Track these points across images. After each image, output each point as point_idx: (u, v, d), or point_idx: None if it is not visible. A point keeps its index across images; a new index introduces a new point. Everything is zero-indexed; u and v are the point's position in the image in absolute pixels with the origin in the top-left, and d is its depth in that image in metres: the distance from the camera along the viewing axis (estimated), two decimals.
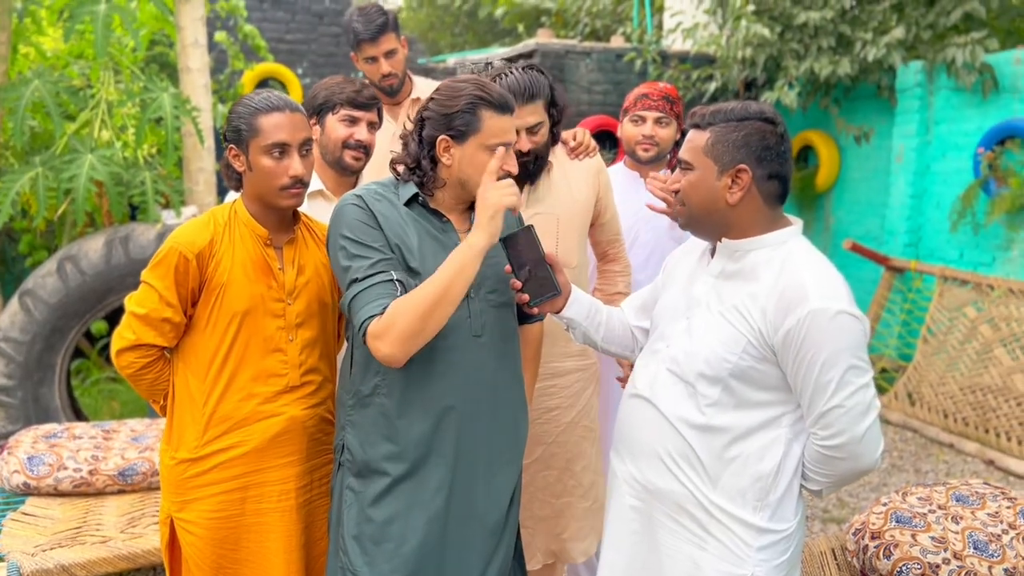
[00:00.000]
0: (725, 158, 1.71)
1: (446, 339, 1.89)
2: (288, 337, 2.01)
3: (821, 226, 7.08)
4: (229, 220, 2.01)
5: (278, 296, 2.00)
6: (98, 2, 3.64)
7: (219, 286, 1.95)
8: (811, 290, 1.62)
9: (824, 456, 1.71)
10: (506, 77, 2.31)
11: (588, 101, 6.69)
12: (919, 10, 6.08)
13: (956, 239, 5.86)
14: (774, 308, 1.64)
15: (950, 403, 5.26)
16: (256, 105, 1.94)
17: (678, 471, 1.76)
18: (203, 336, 1.98)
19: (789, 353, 1.64)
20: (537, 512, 2.61)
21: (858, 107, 6.61)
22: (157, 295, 1.93)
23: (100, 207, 4.00)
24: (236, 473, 2.01)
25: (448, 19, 13.17)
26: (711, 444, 1.73)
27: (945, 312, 5.54)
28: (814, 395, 1.65)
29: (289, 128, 1.93)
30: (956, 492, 2.70)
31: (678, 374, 1.78)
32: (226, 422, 1.99)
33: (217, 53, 6.86)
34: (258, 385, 2.00)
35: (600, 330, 2.05)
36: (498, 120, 1.87)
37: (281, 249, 2.04)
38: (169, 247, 1.93)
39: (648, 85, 2.91)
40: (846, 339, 1.62)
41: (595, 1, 9.17)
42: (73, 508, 2.99)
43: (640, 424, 1.84)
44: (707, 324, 1.75)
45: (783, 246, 1.72)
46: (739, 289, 1.73)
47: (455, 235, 1.93)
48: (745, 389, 1.71)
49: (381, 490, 1.91)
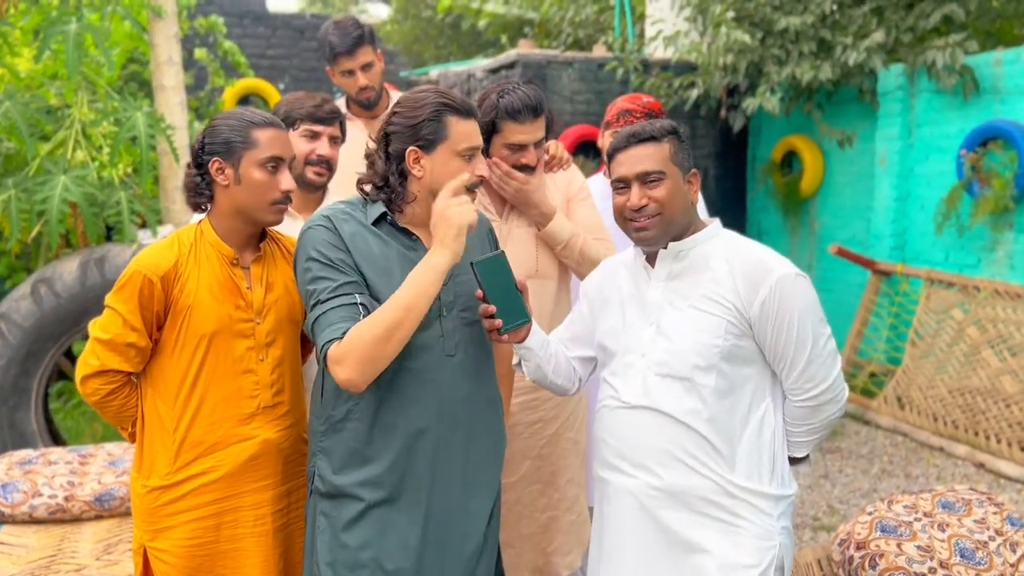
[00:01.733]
0: (685, 164, 1.90)
1: (418, 359, 1.85)
2: (258, 357, 1.97)
3: (807, 231, 7.07)
4: (195, 241, 1.97)
5: (247, 316, 1.97)
6: (69, 22, 3.61)
7: (185, 308, 1.91)
8: (770, 262, 1.82)
9: (810, 409, 1.87)
10: (514, 92, 2.35)
11: (571, 111, 6.68)
12: (899, 13, 6.08)
13: (941, 241, 5.85)
14: (744, 285, 1.80)
15: (939, 406, 5.24)
16: (251, 119, 1.94)
17: (698, 465, 1.82)
18: (171, 360, 1.94)
19: (768, 321, 1.79)
20: (523, 530, 2.57)
21: (841, 111, 6.61)
22: (121, 319, 1.89)
23: (75, 228, 3.95)
24: (209, 499, 1.96)
25: (432, 31, 13.16)
26: (722, 430, 1.82)
27: (932, 315, 5.52)
28: (796, 352, 1.81)
29: (283, 144, 1.96)
30: (942, 499, 2.67)
31: (671, 374, 1.84)
32: (198, 447, 1.95)
33: (197, 70, 6.83)
34: (229, 408, 1.96)
35: (551, 362, 2.08)
36: (464, 125, 1.86)
37: (249, 268, 2.00)
38: (133, 270, 1.89)
39: (631, 99, 2.88)
40: (809, 296, 1.82)
41: (577, 11, 9.17)
42: (48, 536, 2.94)
43: (645, 432, 1.87)
44: (681, 321, 1.85)
45: (717, 237, 1.90)
46: (698, 281, 1.86)
47: (424, 251, 1.90)
48: (733, 369, 1.83)
49: (354, 515, 1.87)
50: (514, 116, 2.35)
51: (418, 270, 1.76)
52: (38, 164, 3.73)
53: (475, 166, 1.88)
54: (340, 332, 1.73)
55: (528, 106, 2.35)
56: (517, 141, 2.38)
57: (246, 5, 7.48)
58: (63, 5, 3.92)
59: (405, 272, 1.83)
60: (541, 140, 2.44)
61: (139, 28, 4.00)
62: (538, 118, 2.39)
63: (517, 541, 2.56)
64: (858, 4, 6.23)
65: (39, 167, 3.73)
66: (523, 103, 2.34)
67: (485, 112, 2.36)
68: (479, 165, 1.89)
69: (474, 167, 1.87)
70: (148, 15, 4.11)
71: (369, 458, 1.87)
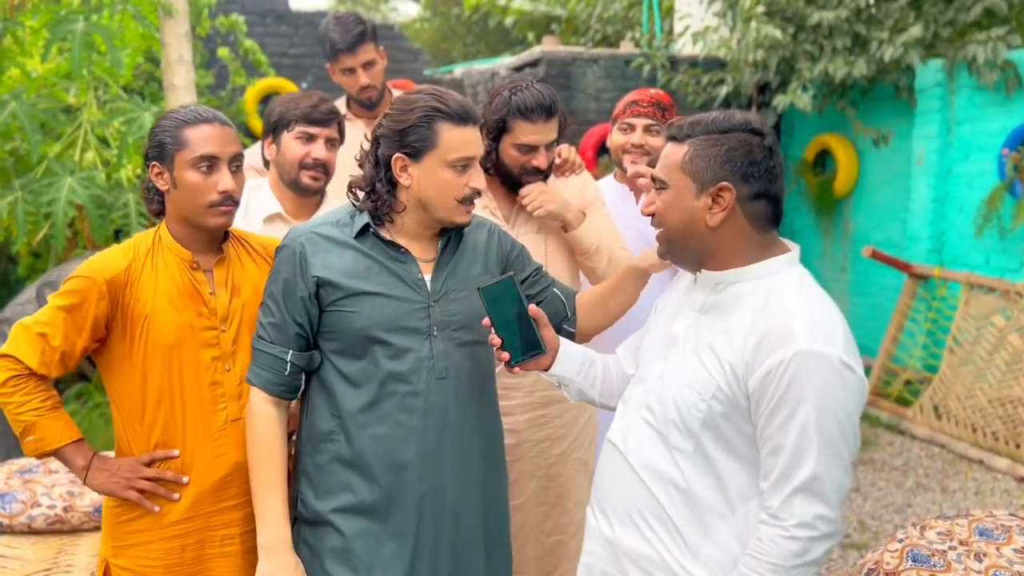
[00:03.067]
0: (705, 175, 1.50)
1: (407, 382, 1.73)
2: (225, 367, 1.83)
3: (840, 233, 6.86)
4: (152, 247, 1.83)
5: (210, 324, 1.83)
6: (75, 21, 3.54)
7: (142, 318, 1.78)
8: (799, 328, 1.39)
9: (800, 546, 1.39)
10: (526, 90, 2.20)
11: (596, 109, 6.53)
12: (938, 7, 5.86)
13: (981, 244, 5.61)
14: (753, 348, 1.42)
15: (979, 416, 5.01)
16: (182, 117, 1.79)
17: (650, 533, 1.56)
18: (131, 376, 1.81)
19: (765, 401, 1.40)
20: (530, 554, 2.45)
21: (876, 109, 6.39)
22: (50, 315, 1.76)
23: (83, 231, 3.90)
24: (174, 519, 1.83)
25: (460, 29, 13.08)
26: (687, 508, 1.51)
27: (971, 321, 5.30)
28: (789, 456, 1.39)
29: (218, 140, 1.78)
30: (980, 525, 2.48)
31: (651, 423, 1.57)
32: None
33: (218, 69, 6.79)
34: (195, 423, 1.82)
35: (597, 385, 1.82)
36: (457, 132, 1.71)
37: (212, 271, 1.86)
38: (80, 272, 1.77)
39: (638, 92, 2.74)
40: (836, 394, 1.37)
41: (605, 7, 9.01)
42: (46, 547, 2.87)
43: (615, 478, 1.64)
44: (681, 365, 1.55)
45: (771, 277, 1.51)
46: (717, 324, 1.53)
47: (414, 266, 1.77)
48: (719, 454, 1.49)
49: (338, 546, 1.75)
50: (526, 115, 2.21)
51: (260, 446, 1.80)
52: (45, 165, 3.68)
53: (470, 177, 1.74)
54: (258, 380, 1.77)
55: (541, 105, 2.20)
56: (528, 142, 2.25)
57: (268, 3, 7.42)
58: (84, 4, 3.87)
59: (383, 283, 1.73)
60: (553, 142, 2.31)
61: (149, 27, 3.93)
62: (551, 118, 2.25)
63: (523, 566, 2.43)
64: None
65: (46, 168, 3.67)
66: (536, 101, 2.20)
67: (496, 109, 2.23)
68: (475, 177, 1.74)
69: (468, 179, 1.74)
70: (159, 14, 4.04)
71: (350, 484, 1.75)
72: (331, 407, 1.76)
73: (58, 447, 1.79)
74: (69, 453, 1.81)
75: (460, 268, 1.83)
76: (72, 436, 1.82)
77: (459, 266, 1.83)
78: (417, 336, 1.74)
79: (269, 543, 1.73)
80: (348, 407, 1.74)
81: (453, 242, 1.84)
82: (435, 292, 1.77)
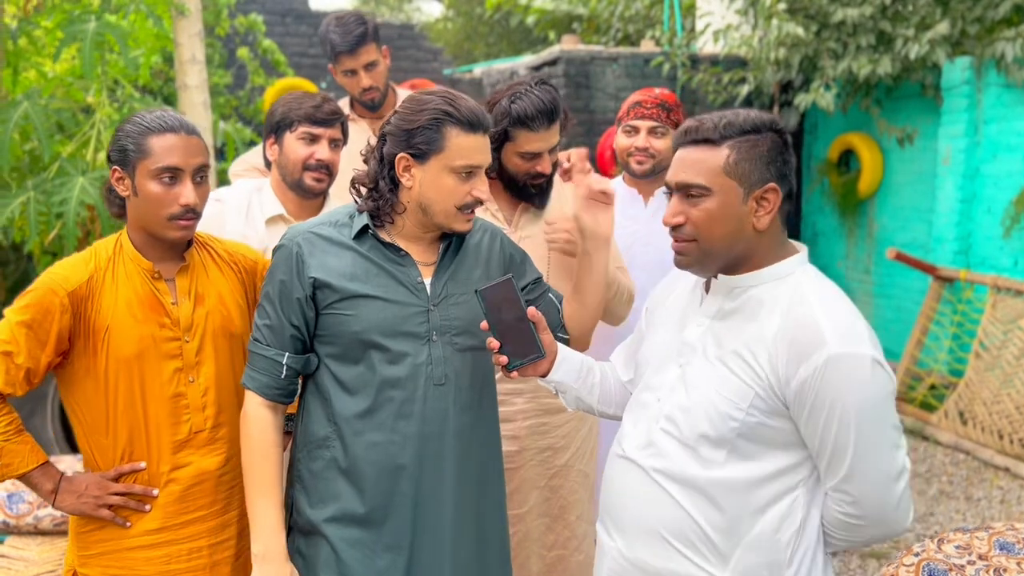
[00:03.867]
0: (753, 177, 1.46)
1: (403, 388, 1.69)
2: (188, 378, 1.79)
3: (864, 233, 6.73)
4: (113, 255, 1.78)
5: (173, 335, 1.78)
6: (87, 21, 3.53)
7: (102, 330, 1.73)
8: (828, 332, 1.39)
9: (846, 524, 1.49)
10: (525, 96, 2.13)
11: (615, 108, 6.46)
12: (965, 3, 5.74)
13: (1009, 246, 5.48)
14: (786, 354, 1.41)
15: (1005, 423, 4.89)
16: (147, 124, 1.73)
17: (679, 548, 1.50)
18: (94, 389, 1.76)
19: (804, 407, 1.41)
20: (532, 568, 2.39)
21: (901, 107, 6.26)
22: (10, 331, 1.70)
23: (94, 230, 3.89)
24: (140, 530, 1.79)
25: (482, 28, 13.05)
26: (720, 516, 1.48)
27: (999, 324, 5.18)
28: (833, 457, 1.43)
29: (182, 152, 1.72)
30: (1000, 539, 2.40)
31: (676, 436, 1.51)
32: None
33: (237, 69, 6.80)
34: (158, 436, 1.78)
35: (595, 391, 1.78)
36: (466, 139, 1.66)
37: (174, 280, 1.81)
38: (40, 283, 1.72)
39: (643, 92, 2.68)
40: (870, 391, 1.39)
41: (627, 5, 8.93)
42: (52, 548, 2.86)
43: (630, 493, 1.58)
44: (705, 374, 1.50)
45: (789, 277, 1.49)
46: (740, 331, 1.49)
47: (414, 269, 1.73)
48: (755, 449, 1.47)
49: (331, 557, 1.71)
50: (528, 124, 2.13)
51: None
52: (58, 165, 3.68)
53: (473, 185, 1.69)
54: (254, 384, 1.74)
55: (542, 112, 2.13)
56: (531, 150, 2.18)
57: (288, 3, 7.42)
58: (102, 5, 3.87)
59: (381, 286, 1.69)
60: (556, 146, 2.25)
61: (161, 26, 3.92)
62: (553, 124, 2.18)
63: None
64: None
65: (59, 168, 3.67)
66: (537, 109, 2.12)
67: (496, 119, 2.14)
68: (479, 185, 1.70)
69: (471, 187, 1.69)
70: (172, 13, 4.04)
71: (345, 492, 1.71)
72: (327, 412, 1.73)
73: (25, 471, 1.76)
74: (36, 477, 1.78)
75: (461, 272, 1.78)
76: (38, 460, 1.78)
77: (460, 270, 1.78)
78: (416, 341, 1.69)
79: (262, 551, 1.69)
80: (344, 413, 1.70)
81: (454, 246, 1.79)
82: (435, 296, 1.73)
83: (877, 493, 1.43)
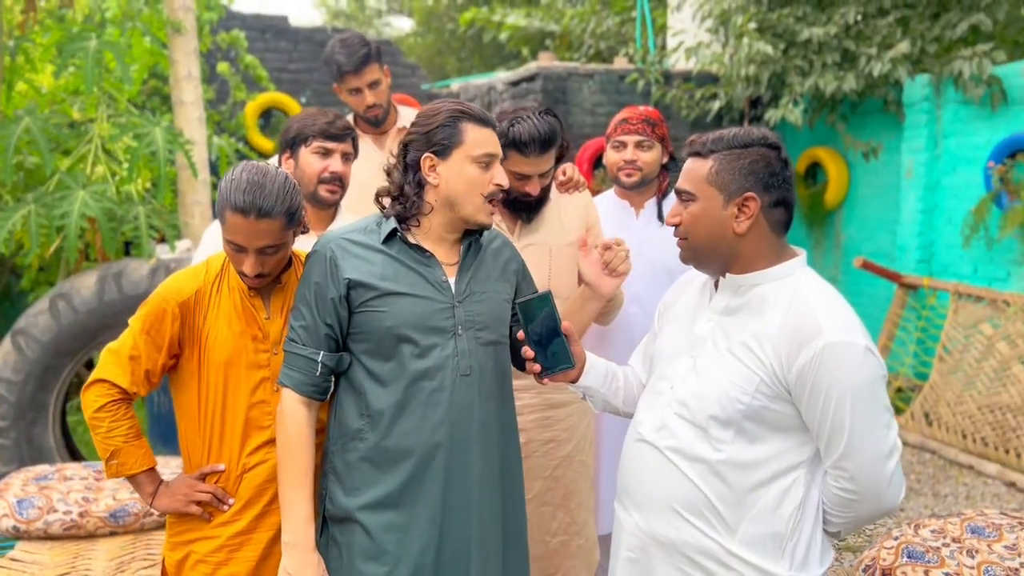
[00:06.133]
0: (732, 186, 1.65)
1: (432, 379, 1.82)
2: (273, 387, 1.93)
3: (831, 244, 6.97)
4: (221, 271, 1.96)
5: (264, 347, 1.94)
6: (88, 38, 3.62)
7: (204, 338, 1.91)
8: (824, 323, 1.56)
9: (843, 500, 1.64)
10: (524, 122, 2.27)
11: (591, 123, 6.64)
12: (924, 23, 6.00)
13: (969, 254, 5.73)
14: (787, 344, 1.58)
15: (968, 423, 5.12)
16: (229, 197, 1.80)
17: (691, 519, 1.67)
18: (191, 390, 1.94)
19: (804, 391, 1.57)
20: (534, 552, 2.52)
21: (865, 122, 6.52)
22: (132, 336, 1.91)
23: (94, 243, 3.97)
24: (221, 521, 1.94)
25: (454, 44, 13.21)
26: (727, 491, 1.64)
27: (960, 329, 5.41)
28: (832, 435, 1.58)
29: (245, 234, 1.81)
30: (971, 524, 2.58)
31: (687, 418, 1.68)
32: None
33: (219, 84, 6.88)
34: (247, 437, 1.94)
35: (619, 394, 1.95)
36: (480, 132, 1.83)
37: (270, 298, 1.97)
38: (156, 293, 1.92)
39: (629, 109, 2.84)
40: (863, 374, 1.56)
41: (599, 23, 9.14)
42: (63, 552, 2.92)
43: (647, 471, 1.74)
44: (715, 363, 1.67)
45: (790, 278, 1.66)
46: (746, 324, 1.66)
47: (439, 269, 1.87)
48: (760, 431, 1.63)
49: (367, 543, 1.83)
50: (520, 149, 2.28)
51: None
52: (57, 179, 3.75)
53: (493, 174, 1.85)
54: (290, 381, 1.84)
55: (534, 140, 2.26)
56: (521, 172, 2.33)
57: (268, 19, 7.52)
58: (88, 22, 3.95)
59: (410, 284, 1.83)
60: (549, 171, 2.38)
61: (159, 44, 4.02)
62: (546, 152, 2.31)
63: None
64: (883, 14, 6.16)
65: (59, 182, 3.75)
66: (530, 136, 2.25)
67: None
68: (498, 174, 1.85)
69: (492, 175, 1.84)
70: (168, 31, 4.13)
71: (378, 480, 1.83)
72: (360, 406, 1.84)
73: (136, 472, 1.95)
74: (142, 479, 1.97)
75: (481, 272, 1.92)
76: (149, 464, 1.97)
77: (480, 270, 1.92)
78: (443, 335, 1.82)
79: (292, 540, 1.81)
80: (377, 405, 1.82)
81: (474, 248, 1.93)
82: (459, 293, 1.86)
83: (872, 469, 1.58)
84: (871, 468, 1.59)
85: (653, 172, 2.80)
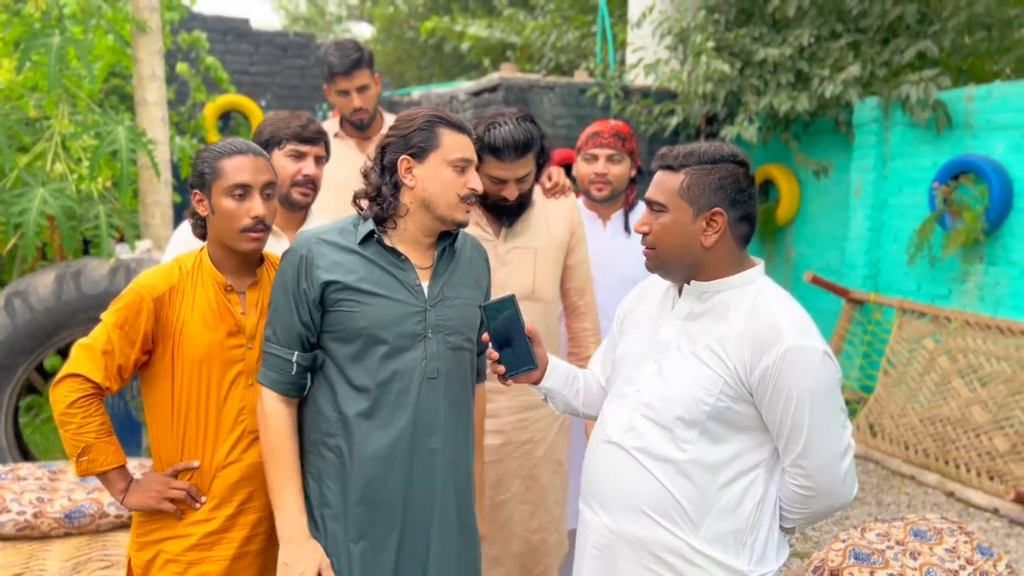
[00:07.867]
0: (701, 201, 1.71)
1: (400, 381, 1.87)
2: (247, 382, 1.96)
3: (782, 259, 7.15)
4: (193, 268, 1.98)
5: (239, 342, 1.96)
6: (51, 35, 3.59)
7: (177, 334, 1.92)
8: (785, 329, 1.64)
9: (800, 496, 1.72)
10: (501, 127, 2.30)
11: (552, 135, 6.72)
12: (874, 48, 6.20)
13: (913, 272, 5.93)
14: (750, 348, 1.65)
15: (911, 435, 5.29)
16: (220, 149, 1.94)
17: (657, 519, 1.73)
18: (164, 387, 1.95)
19: (766, 392, 1.65)
20: (514, 549, 2.58)
21: (817, 142, 6.71)
22: (106, 331, 1.90)
23: (52, 241, 3.91)
24: (194, 519, 1.95)
25: (415, 52, 13.23)
26: (693, 489, 1.70)
27: (904, 344, 5.59)
28: (792, 434, 1.66)
29: (251, 170, 1.92)
30: (914, 527, 2.69)
31: (654, 419, 1.74)
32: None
33: (179, 85, 6.81)
34: (220, 433, 1.95)
35: (580, 396, 2.01)
36: (456, 137, 1.89)
37: (244, 293, 2.00)
38: (131, 288, 1.93)
39: (599, 123, 2.91)
40: (821, 377, 1.64)
41: (559, 37, 9.26)
42: (16, 553, 2.88)
43: (615, 471, 1.80)
44: (680, 366, 1.73)
45: (751, 285, 1.74)
46: (710, 329, 1.72)
47: (413, 272, 1.91)
48: (723, 431, 1.70)
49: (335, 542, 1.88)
50: (496, 153, 2.31)
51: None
52: (16, 176, 3.70)
53: (468, 178, 1.90)
54: (267, 380, 1.89)
55: (510, 145, 2.29)
56: (497, 176, 2.37)
57: (229, 21, 7.47)
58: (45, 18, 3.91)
59: (384, 286, 1.87)
60: (527, 175, 2.40)
61: (122, 43, 3.99)
62: (522, 156, 2.33)
63: (507, 560, 2.56)
64: (835, 38, 6.35)
65: (17, 179, 3.69)
66: (505, 142, 2.28)
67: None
68: (472, 178, 1.90)
69: (467, 179, 1.89)
70: (132, 30, 4.11)
71: (347, 477, 1.87)
72: (332, 404, 1.88)
73: (107, 469, 1.93)
74: (113, 476, 1.95)
75: (454, 277, 1.97)
76: (120, 461, 1.95)
77: (454, 275, 1.97)
78: (413, 338, 1.87)
79: (288, 533, 1.84)
80: (347, 403, 1.87)
81: (448, 253, 1.98)
82: (432, 298, 1.91)
83: (828, 467, 1.67)
84: (827, 466, 1.67)
85: (622, 185, 2.88)
